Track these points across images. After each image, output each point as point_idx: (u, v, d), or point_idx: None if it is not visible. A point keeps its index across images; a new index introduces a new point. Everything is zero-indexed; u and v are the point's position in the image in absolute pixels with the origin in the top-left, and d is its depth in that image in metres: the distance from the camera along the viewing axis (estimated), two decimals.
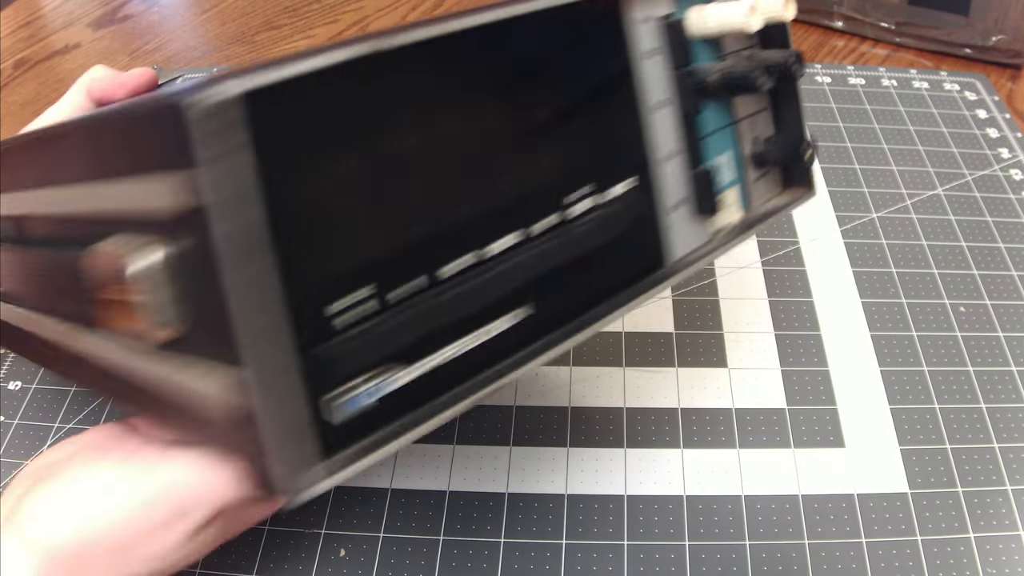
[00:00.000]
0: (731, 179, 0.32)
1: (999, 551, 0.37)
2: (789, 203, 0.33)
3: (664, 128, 0.30)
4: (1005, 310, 0.47)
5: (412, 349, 0.23)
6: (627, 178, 0.28)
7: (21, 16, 0.81)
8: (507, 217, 0.25)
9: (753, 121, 0.33)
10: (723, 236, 0.32)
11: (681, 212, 0.30)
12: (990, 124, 0.60)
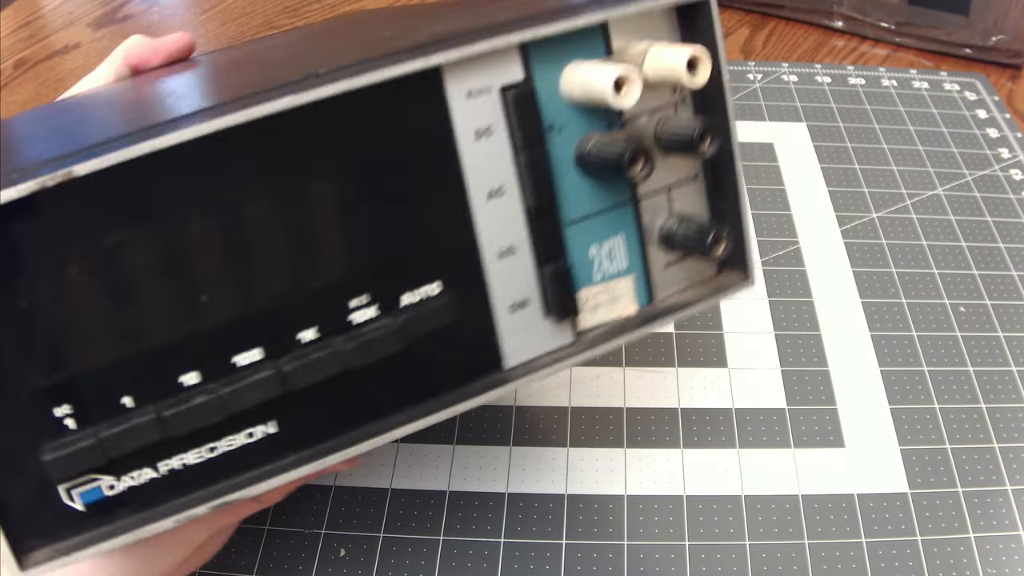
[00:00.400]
0: (622, 267, 0.27)
1: (999, 551, 0.37)
2: (712, 293, 0.28)
3: (498, 220, 0.25)
4: (1005, 310, 0.47)
5: (135, 455, 0.22)
6: (428, 283, 0.24)
7: (21, 16, 0.81)
8: (260, 327, 0.23)
9: (676, 193, 0.27)
10: (603, 335, 0.27)
11: (525, 314, 0.26)
12: (990, 124, 0.60)
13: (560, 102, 0.25)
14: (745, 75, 0.65)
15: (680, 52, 0.24)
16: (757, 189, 0.55)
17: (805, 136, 0.59)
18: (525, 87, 0.24)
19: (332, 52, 0.28)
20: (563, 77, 0.25)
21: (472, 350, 0.26)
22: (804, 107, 0.62)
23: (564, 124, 0.25)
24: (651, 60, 0.25)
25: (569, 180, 0.26)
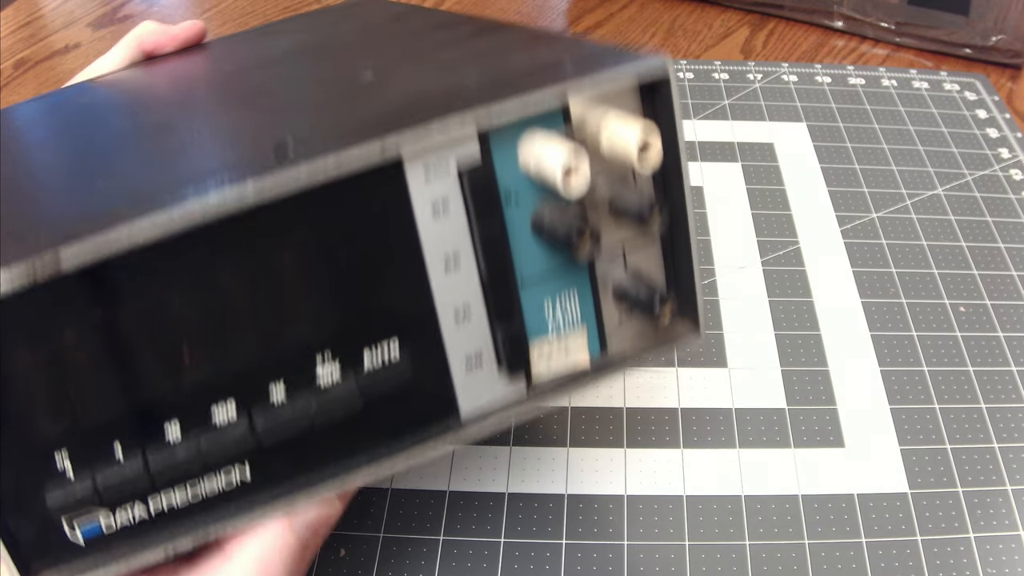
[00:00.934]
0: (575, 320, 0.28)
1: (999, 551, 0.37)
2: (663, 344, 0.29)
3: (454, 285, 0.26)
4: (1005, 310, 0.47)
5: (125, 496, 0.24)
6: (387, 342, 0.26)
7: (21, 16, 0.81)
8: (235, 383, 0.25)
9: (630, 249, 0.28)
10: (556, 384, 0.28)
11: (480, 367, 0.27)
12: (990, 124, 0.60)
13: (517, 172, 0.26)
14: (745, 75, 0.65)
15: (631, 133, 0.25)
16: (757, 189, 0.55)
17: (805, 136, 0.59)
18: (482, 169, 0.25)
19: (313, 97, 0.29)
20: (520, 148, 0.26)
21: (428, 401, 0.27)
22: (804, 107, 0.62)
23: (520, 192, 0.26)
24: (605, 137, 0.25)
25: (524, 243, 0.27)
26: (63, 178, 0.27)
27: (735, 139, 0.59)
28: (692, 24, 0.73)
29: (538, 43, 0.30)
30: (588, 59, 0.26)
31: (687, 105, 0.62)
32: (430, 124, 0.23)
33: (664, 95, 0.26)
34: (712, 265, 0.50)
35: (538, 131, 0.25)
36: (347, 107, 0.26)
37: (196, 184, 0.22)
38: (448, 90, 0.25)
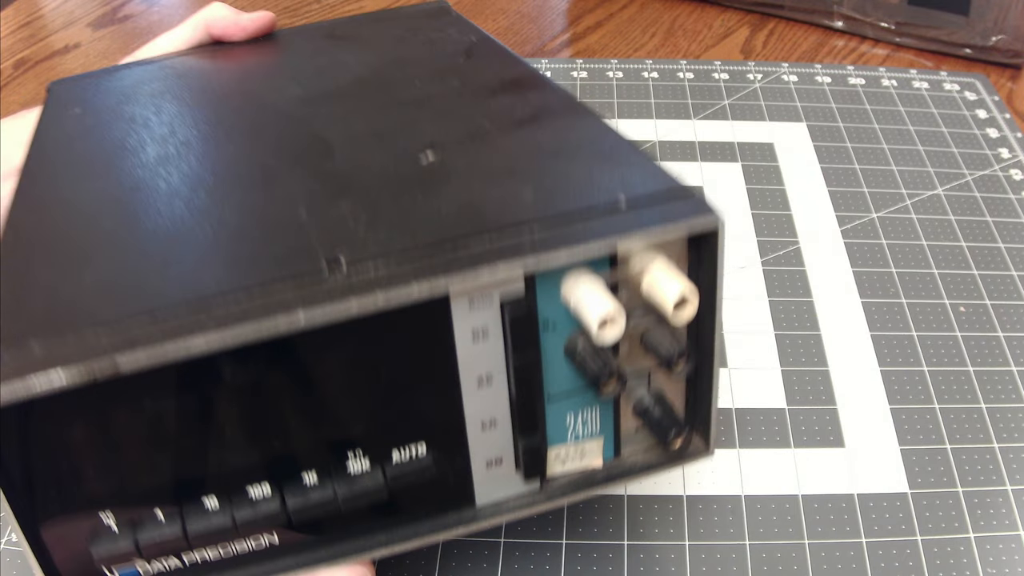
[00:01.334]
0: (594, 431, 0.30)
1: (999, 551, 0.37)
2: (674, 458, 0.30)
3: (485, 401, 0.27)
4: (1005, 310, 0.47)
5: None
6: (415, 444, 0.28)
7: (21, 16, 0.81)
8: (272, 467, 0.27)
9: (655, 374, 0.29)
10: (569, 486, 0.30)
11: (499, 467, 0.29)
12: (990, 124, 0.60)
13: (557, 303, 0.27)
14: (745, 75, 0.65)
15: (671, 289, 0.26)
16: (757, 189, 0.55)
17: (805, 136, 0.59)
18: (524, 303, 0.26)
19: (370, 179, 0.30)
20: (563, 283, 0.26)
21: (448, 492, 0.29)
22: (804, 107, 0.62)
23: (557, 321, 0.27)
24: (646, 283, 0.26)
25: (555, 363, 0.28)
26: (120, 253, 0.28)
27: (735, 139, 0.59)
28: (692, 24, 0.73)
29: (596, 148, 0.30)
30: (643, 202, 0.27)
31: (687, 105, 0.62)
32: (479, 269, 0.24)
33: (711, 245, 0.26)
34: None
35: (583, 273, 0.26)
36: (403, 212, 0.27)
37: (250, 296, 0.24)
38: (503, 211, 0.26)
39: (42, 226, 0.30)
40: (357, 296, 0.23)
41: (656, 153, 0.58)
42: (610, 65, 0.67)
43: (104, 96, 0.40)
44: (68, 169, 0.33)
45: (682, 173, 0.27)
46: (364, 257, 0.25)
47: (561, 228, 0.26)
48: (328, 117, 0.34)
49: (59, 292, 0.26)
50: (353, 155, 0.31)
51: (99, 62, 0.73)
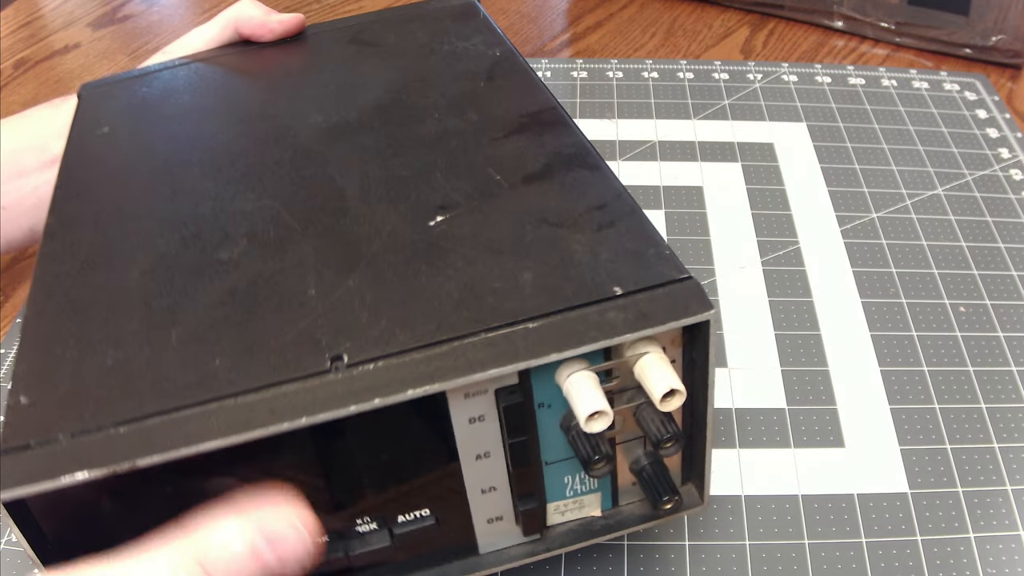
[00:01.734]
0: (592, 488, 0.31)
1: (999, 551, 0.37)
2: (669, 514, 0.32)
3: (484, 471, 0.29)
4: (1005, 310, 0.47)
5: None
6: (419, 510, 0.29)
7: (21, 16, 0.81)
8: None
9: (653, 427, 0.30)
10: (568, 535, 0.32)
11: (500, 523, 0.31)
12: (990, 124, 0.60)
13: (552, 385, 0.28)
14: (745, 75, 0.65)
15: (660, 382, 0.27)
16: (757, 189, 0.55)
17: (805, 136, 0.59)
18: (519, 392, 0.27)
19: (379, 243, 0.31)
20: (558, 371, 0.27)
21: (452, 544, 0.31)
22: (804, 107, 0.62)
23: (553, 401, 0.28)
24: (638, 369, 0.27)
25: (552, 435, 0.29)
26: (139, 329, 0.29)
27: (735, 139, 0.59)
28: (692, 24, 0.73)
29: (601, 217, 0.31)
30: (639, 291, 0.27)
31: (687, 105, 0.62)
32: (474, 375, 0.26)
33: (703, 332, 0.27)
34: (712, 265, 0.50)
35: (576, 364, 0.27)
36: (407, 293, 0.29)
37: (259, 400, 0.26)
38: (501, 302, 0.28)
39: (67, 285, 0.32)
40: (356, 402, 0.25)
41: (656, 153, 0.58)
42: (610, 65, 0.67)
43: (131, 115, 0.41)
44: (92, 216, 0.35)
45: (680, 260, 0.29)
46: (365, 357, 0.26)
47: (557, 328, 0.27)
48: (345, 158, 0.36)
49: (83, 375, 0.28)
50: (366, 212, 0.32)
51: (99, 62, 0.73)
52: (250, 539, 0.24)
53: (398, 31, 0.45)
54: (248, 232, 0.32)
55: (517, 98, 0.38)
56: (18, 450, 0.26)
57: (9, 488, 0.24)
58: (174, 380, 0.27)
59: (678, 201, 0.54)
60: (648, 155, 0.58)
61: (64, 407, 0.27)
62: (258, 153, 0.37)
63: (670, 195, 0.55)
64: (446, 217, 0.31)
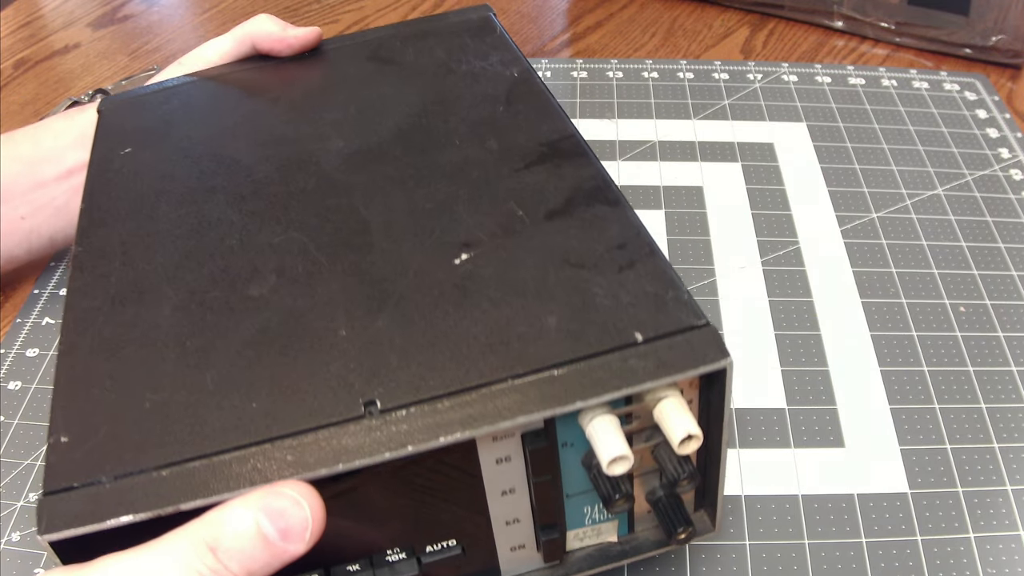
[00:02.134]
0: (608, 516, 0.33)
1: (999, 551, 0.37)
2: (682, 542, 0.33)
3: (509, 506, 0.30)
4: (1005, 310, 0.47)
5: None
6: (447, 541, 0.31)
7: (21, 16, 0.81)
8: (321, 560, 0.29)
9: (670, 466, 0.31)
10: (585, 560, 0.33)
11: (523, 550, 0.32)
12: (990, 124, 0.60)
13: (575, 427, 0.29)
14: (745, 75, 0.65)
15: (679, 427, 0.28)
16: (757, 189, 0.55)
17: (805, 136, 0.59)
18: (543, 436, 0.29)
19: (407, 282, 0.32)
20: (581, 414, 0.28)
21: (476, 571, 0.32)
22: (804, 107, 0.62)
23: (575, 440, 0.29)
24: (657, 413, 0.28)
25: (574, 470, 0.30)
26: (174, 370, 0.30)
27: (735, 139, 0.59)
28: (692, 24, 0.73)
29: (620, 256, 0.32)
30: (659, 338, 0.28)
31: (687, 105, 0.62)
32: (502, 423, 0.27)
33: (720, 379, 0.29)
34: (712, 265, 0.50)
35: (598, 409, 0.28)
36: (436, 336, 0.29)
37: (295, 444, 0.27)
38: (526, 347, 0.29)
39: (99, 322, 0.32)
40: (390, 449, 0.26)
41: (656, 153, 0.58)
42: (610, 65, 0.67)
43: (152, 135, 0.42)
44: (120, 246, 0.36)
45: (699, 310, 0.30)
46: (397, 403, 0.27)
47: (581, 375, 0.28)
48: (369, 188, 0.36)
49: (122, 418, 0.29)
50: (392, 248, 0.33)
51: (99, 62, 0.73)
52: (253, 517, 0.25)
53: (416, 47, 0.45)
54: (276, 267, 0.33)
55: (536, 124, 0.38)
56: (63, 491, 0.27)
57: (58, 530, 0.25)
58: (212, 424, 0.27)
59: (678, 201, 0.54)
60: (648, 155, 0.58)
61: (105, 449, 0.28)
62: (282, 181, 0.37)
63: (670, 195, 0.55)
64: (470, 256, 0.32)
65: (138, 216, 0.37)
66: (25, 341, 0.48)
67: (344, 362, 0.29)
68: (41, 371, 0.47)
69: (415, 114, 0.40)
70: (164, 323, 0.32)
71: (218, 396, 0.29)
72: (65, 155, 0.48)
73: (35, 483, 0.41)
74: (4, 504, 0.40)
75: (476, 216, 0.34)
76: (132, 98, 0.45)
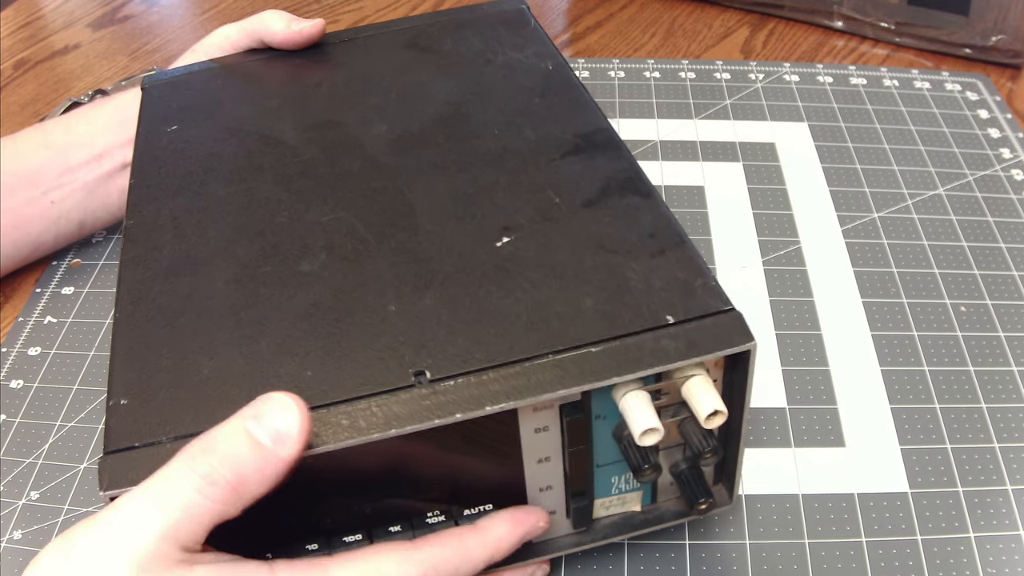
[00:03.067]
0: (635, 487, 0.34)
1: (999, 551, 0.37)
2: (703, 512, 0.34)
3: (543, 473, 0.32)
4: (1006, 310, 0.47)
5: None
6: (484, 505, 0.32)
7: (21, 16, 0.81)
8: (367, 520, 0.32)
9: (695, 440, 0.32)
10: (611, 528, 0.35)
11: (555, 517, 0.34)
12: (991, 124, 0.60)
13: (608, 401, 0.30)
14: (747, 75, 0.65)
15: (706, 403, 0.29)
16: (758, 189, 0.55)
17: (807, 136, 0.59)
18: (580, 408, 0.30)
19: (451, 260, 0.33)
20: (614, 390, 0.30)
21: None
22: (806, 107, 0.62)
23: (608, 414, 0.31)
24: (685, 390, 0.30)
25: (604, 442, 0.32)
26: (229, 338, 0.31)
27: (737, 139, 0.59)
28: (692, 24, 0.73)
29: (652, 245, 0.33)
30: (689, 320, 0.30)
31: (688, 105, 0.62)
32: (543, 395, 0.28)
33: (744, 360, 0.30)
34: (713, 265, 0.50)
35: (632, 385, 0.30)
36: (480, 313, 0.31)
37: (350, 411, 0.28)
38: (566, 326, 0.30)
39: (154, 291, 0.34)
40: (439, 416, 0.28)
41: (658, 152, 0.58)
42: (612, 65, 0.67)
43: (198, 113, 0.43)
44: (171, 220, 0.37)
45: (726, 291, 0.32)
46: (446, 374, 0.29)
47: (616, 353, 0.29)
48: (413, 172, 0.37)
49: (180, 383, 0.30)
50: (437, 229, 0.34)
51: (99, 62, 0.73)
52: (242, 424, 0.26)
53: (453, 37, 0.46)
54: (326, 244, 0.34)
55: (571, 117, 0.40)
56: (124, 451, 0.28)
57: (120, 487, 0.27)
58: (268, 390, 0.28)
59: (680, 200, 0.54)
60: (650, 155, 0.58)
61: (164, 412, 0.29)
62: (328, 162, 0.38)
63: (672, 194, 0.55)
64: (511, 239, 0.34)
65: (187, 192, 0.38)
66: (27, 340, 0.48)
67: (394, 335, 0.30)
68: (43, 370, 0.47)
69: (455, 102, 0.41)
70: (218, 295, 0.33)
71: (274, 364, 0.30)
72: (96, 139, 0.48)
73: (36, 482, 0.41)
74: (6, 503, 0.41)
75: (515, 202, 0.35)
76: (175, 77, 0.46)
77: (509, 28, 0.46)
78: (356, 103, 0.42)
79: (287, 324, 0.31)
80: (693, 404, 0.30)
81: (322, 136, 0.40)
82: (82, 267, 0.53)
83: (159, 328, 0.32)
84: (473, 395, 0.28)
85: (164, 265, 0.34)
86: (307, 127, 0.40)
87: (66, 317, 0.49)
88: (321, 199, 0.36)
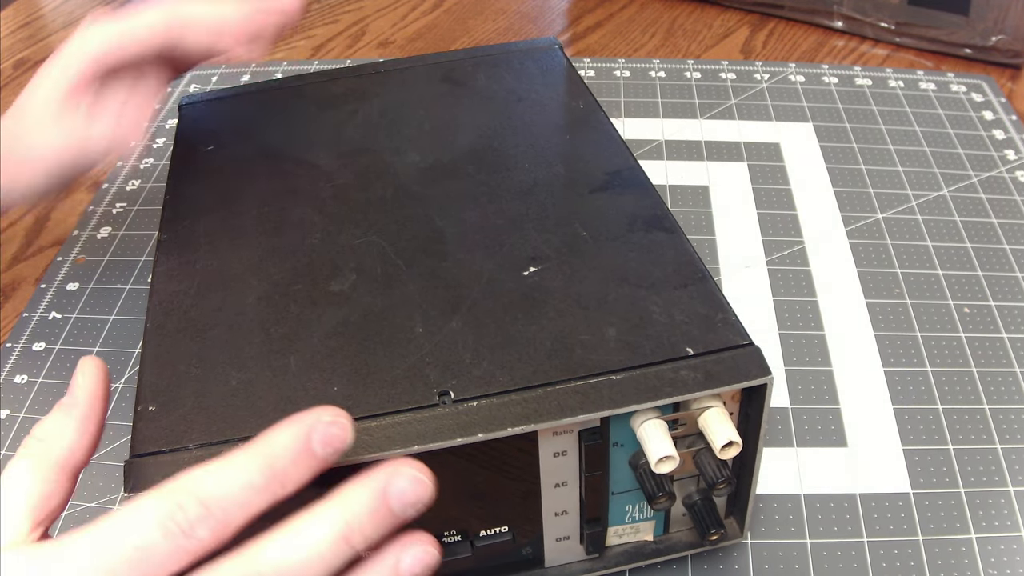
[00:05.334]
0: (648, 516, 0.35)
1: (1001, 552, 0.37)
2: (714, 544, 0.35)
3: (559, 497, 0.32)
4: (1009, 311, 0.47)
5: None
6: (499, 527, 0.33)
7: (21, 16, 0.81)
8: None
9: (710, 470, 0.32)
10: (623, 556, 0.35)
11: (567, 541, 0.34)
12: (996, 126, 0.60)
13: (627, 428, 0.31)
14: (752, 75, 0.65)
15: (721, 434, 0.30)
16: (763, 189, 0.55)
17: (811, 136, 0.59)
18: (599, 434, 0.31)
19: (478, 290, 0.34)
20: (632, 418, 0.31)
21: (522, 557, 0.34)
22: (810, 107, 0.62)
23: (625, 442, 0.32)
24: (702, 421, 0.31)
25: (620, 470, 0.32)
26: (257, 353, 0.32)
27: (741, 139, 0.59)
28: (692, 24, 0.73)
29: (673, 280, 0.34)
30: (708, 353, 0.31)
31: (693, 104, 0.62)
32: (564, 419, 0.29)
33: (760, 392, 0.31)
34: (717, 264, 0.50)
35: (650, 413, 0.30)
36: (505, 339, 0.32)
37: (377, 426, 0.29)
38: (588, 355, 0.31)
39: (186, 304, 0.34)
40: (462, 435, 0.28)
41: (662, 152, 0.58)
42: (617, 64, 0.67)
43: (233, 136, 0.44)
44: (205, 237, 0.38)
45: (745, 321, 0.32)
46: (470, 395, 0.30)
47: (636, 382, 0.30)
48: (444, 201, 0.38)
49: (208, 393, 0.30)
50: (465, 257, 0.35)
51: None
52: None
53: (487, 73, 0.47)
54: (357, 267, 0.35)
55: (599, 154, 0.41)
56: (150, 455, 0.28)
57: (144, 489, 0.26)
58: (295, 403, 0.29)
59: (684, 200, 0.54)
60: (654, 154, 0.58)
61: (191, 419, 0.29)
62: (361, 188, 0.39)
63: (676, 194, 0.55)
64: (538, 269, 0.35)
65: (221, 210, 0.39)
66: (31, 335, 0.48)
67: (420, 356, 0.31)
68: (47, 365, 0.47)
69: (487, 136, 0.42)
70: (249, 310, 0.34)
71: (301, 378, 0.31)
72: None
73: None
74: None
75: (543, 234, 0.36)
76: (211, 98, 0.48)
77: (541, 66, 0.48)
78: (390, 132, 0.43)
79: (316, 341, 0.32)
80: (709, 434, 0.30)
81: (355, 162, 0.41)
82: (87, 263, 0.53)
83: (189, 339, 0.33)
84: (495, 416, 0.29)
85: (196, 279, 0.35)
86: (341, 153, 0.42)
87: (71, 313, 0.49)
88: (353, 223, 0.37)
